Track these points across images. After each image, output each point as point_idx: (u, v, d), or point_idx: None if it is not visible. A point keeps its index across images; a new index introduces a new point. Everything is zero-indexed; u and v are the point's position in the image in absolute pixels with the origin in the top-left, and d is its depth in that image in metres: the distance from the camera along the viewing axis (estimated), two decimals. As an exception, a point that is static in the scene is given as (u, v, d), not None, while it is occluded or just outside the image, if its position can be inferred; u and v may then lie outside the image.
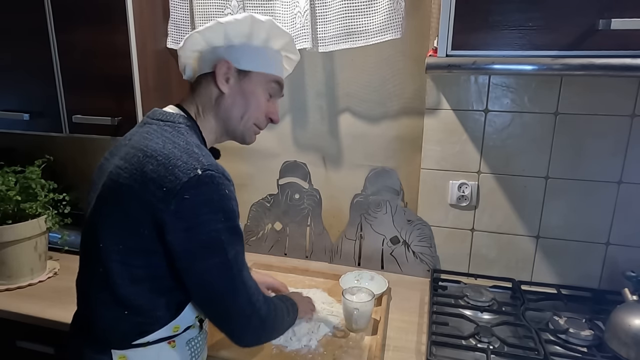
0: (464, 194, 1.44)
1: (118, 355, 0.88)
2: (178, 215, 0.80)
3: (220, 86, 0.95)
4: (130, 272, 0.85)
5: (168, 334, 0.91)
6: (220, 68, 0.94)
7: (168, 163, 0.81)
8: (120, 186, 0.84)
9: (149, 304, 0.87)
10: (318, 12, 1.34)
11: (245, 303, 0.89)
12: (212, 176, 0.82)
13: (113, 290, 0.85)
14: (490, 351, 1.09)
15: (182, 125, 0.91)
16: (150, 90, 1.39)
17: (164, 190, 0.79)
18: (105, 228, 0.86)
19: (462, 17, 1.00)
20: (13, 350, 1.36)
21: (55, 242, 1.56)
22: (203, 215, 0.81)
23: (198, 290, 0.87)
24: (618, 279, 1.26)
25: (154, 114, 0.95)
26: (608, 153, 1.30)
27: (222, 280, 0.86)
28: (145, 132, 0.90)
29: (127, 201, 0.83)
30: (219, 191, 0.83)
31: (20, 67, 1.43)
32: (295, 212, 1.64)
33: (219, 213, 0.83)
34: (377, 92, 1.48)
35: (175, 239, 0.81)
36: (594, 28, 0.94)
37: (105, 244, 0.85)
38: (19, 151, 1.75)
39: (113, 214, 0.85)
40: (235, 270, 0.86)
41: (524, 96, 1.33)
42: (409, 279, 1.52)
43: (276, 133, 1.61)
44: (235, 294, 0.87)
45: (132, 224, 0.83)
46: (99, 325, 0.89)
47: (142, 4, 1.34)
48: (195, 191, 0.80)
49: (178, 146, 0.85)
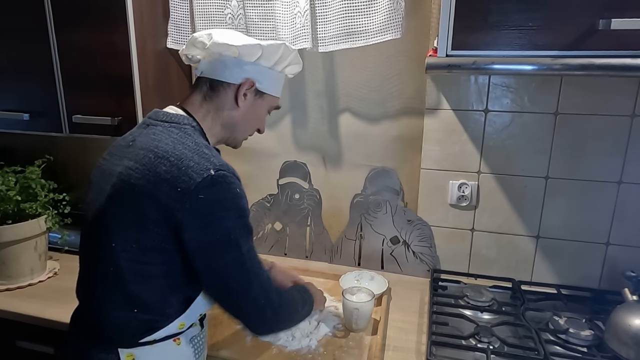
0: (464, 194, 1.44)
1: (125, 354, 0.89)
2: (193, 214, 0.82)
3: (239, 102, 0.98)
4: (143, 270, 0.87)
5: (174, 332, 0.93)
6: (245, 85, 0.97)
7: (181, 164, 0.84)
8: (132, 187, 0.85)
9: (159, 300, 0.89)
10: (318, 12, 1.34)
11: (259, 295, 0.93)
12: (224, 176, 0.85)
13: (124, 289, 0.87)
14: (490, 351, 1.09)
15: (188, 127, 0.93)
16: (150, 90, 1.39)
17: (178, 190, 0.82)
18: (117, 228, 0.87)
19: (462, 17, 1.00)
20: (13, 350, 1.36)
21: (55, 242, 1.56)
22: (217, 213, 0.84)
23: (214, 284, 0.91)
24: (618, 279, 1.26)
25: (156, 115, 0.95)
26: (608, 153, 1.30)
27: (238, 274, 0.89)
28: (151, 133, 0.91)
29: (141, 201, 0.84)
30: (231, 190, 0.86)
31: (20, 67, 1.43)
32: (295, 212, 1.64)
33: (232, 211, 0.86)
34: (377, 92, 1.48)
35: (191, 236, 0.84)
36: (594, 28, 0.94)
37: (118, 243, 0.86)
38: (19, 151, 1.75)
39: (126, 214, 0.86)
40: (249, 265, 0.90)
41: (524, 96, 1.33)
42: (409, 279, 1.52)
43: (276, 133, 1.61)
44: (250, 287, 0.91)
45: (147, 223, 0.84)
46: (108, 325, 0.89)
47: (142, 4, 1.34)
48: (209, 190, 0.83)
49: (188, 147, 0.87)
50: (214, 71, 0.98)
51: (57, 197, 1.50)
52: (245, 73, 0.97)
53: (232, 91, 0.97)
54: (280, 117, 1.59)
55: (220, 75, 0.97)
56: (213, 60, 0.97)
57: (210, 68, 0.98)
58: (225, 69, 0.97)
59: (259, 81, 0.98)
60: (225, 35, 0.96)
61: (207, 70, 0.99)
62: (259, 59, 0.97)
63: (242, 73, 0.97)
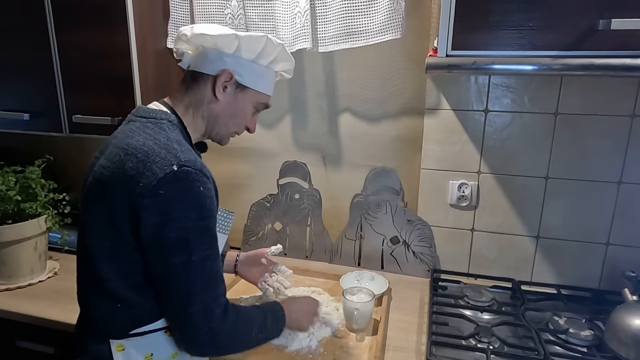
0: (464, 194, 1.44)
1: (116, 345, 0.90)
2: (151, 210, 0.81)
3: (217, 93, 0.96)
4: (118, 267, 0.87)
5: (163, 325, 0.93)
6: (222, 77, 0.95)
7: (147, 159, 0.83)
8: (102, 185, 0.87)
9: (139, 297, 0.89)
10: (318, 12, 1.34)
11: (198, 313, 0.85)
12: (187, 172, 0.83)
13: (103, 286, 0.88)
14: (490, 351, 1.09)
15: (165, 122, 0.92)
16: (150, 90, 1.39)
17: (141, 185, 0.81)
18: (92, 227, 0.88)
19: (462, 17, 1.00)
20: (13, 350, 1.36)
21: (55, 242, 1.56)
22: (175, 211, 0.82)
23: (158, 287, 0.87)
24: (618, 279, 1.25)
25: (137, 111, 0.96)
26: (608, 153, 1.30)
27: (180, 282, 0.84)
28: (128, 129, 0.91)
29: (110, 199, 0.85)
30: (194, 188, 0.83)
31: (20, 67, 1.43)
32: (295, 212, 1.64)
33: (192, 210, 0.83)
34: (377, 92, 1.48)
35: (145, 233, 0.82)
36: (594, 28, 0.94)
37: (93, 241, 0.88)
38: (19, 151, 1.75)
39: (98, 212, 0.87)
40: (196, 275, 0.84)
41: (524, 96, 1.33)
42: (409, 279, 1.52)
43: (276, 133, 1.61)
44: (190, 301, 0.85)
45: (116, 221, 0.84)
46: (96, 318, 0.92)
47: (142, 4, 1.34)
48: (170, 187, 0.81)
49: (158, 142, 0.86)
50: (196, 63, 0.97)
51: (57, 197, 1.50)
52: (224, 64, 0.95)
53: (211, 83, 0.96)
54: (280, 117, 1.59)
55: (201, 67, 0.97)
56: (197, 53, 0.98)
57: (193, 61, 0.98)
58: (206, 61, 0.96)
59: (238, 74, 0.96)
60: (205, 27, 0.95)
61: (191, 63, 0.99)
62: (238, 51, 0.96)
63: (221, 64, 0.95)
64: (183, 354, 0.95)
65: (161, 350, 0.93)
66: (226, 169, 1.68)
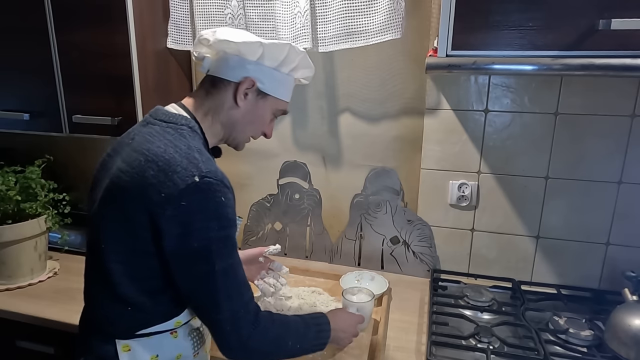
0: (464, 194, 1.44)
1: (122, 345, 0.90)
2: (174, 221, 0.81)
3: (238, 100, 0.96)
4: (131, 272, 0.87)
5: (170, 327, 0.93)
6: (244, 84, 0.95)
7: (168, 169, 0.82)
8: (121, 189, 0.86)
9: (150, 301, 0.89)
10: (318, 12, 1.34)
11: (226, 321, 0.86)
12: (209, 183, 0.83)
13: (114, 289, 0.87)
14: (490, 351, 1.09)
15: (185, 128, 0.91)
16: (150, 90, 1.39)
17: (162, 195, 0.81)
18: (107, 230, 0.87)
19: (462, 17, 1.00)
20: (13, 350, 1.36)
21: (55, 242, 1.56)
22: (197, 222, 0.82)
23: (186, 294, 0.89)
24: (618, 279, 1.26)
25: (156, 114, 0.94)
26: (608, 153, 1.30)
27: (205, 290, 0.85)
28: (147, 133, 0.90)
29: (128, 204, 0.84)
30: (215, 198, 0.83)
31: (20, 67, 1.43)
32: (295, 212, 1.64)
33: (214, 221, 0.83)
34: (377, 92, 1.48)
35: (168, 243, 0.82)
36: (594, 28, 0.94)
37: (107, 245, 0.87)
38: (19, 151, 1.75)
39: (114, 216, 0.86)
40: (220, 284, 0.85)
41: (524, 96, 1.33)
42: (409, 279, 1.52)
43: (276, 133, 1.61)
44: (217, 309, 0.86)
45: (132, 226, 0.84)
46: (103, 319, 0.92)
47: (142, 4, 1.34)
48: (192, 198, 0.81)
49: (179, 150, 0.85)
50: (217, 69, 0.97)
51: (57, 197, 1.50)
52: (246, 72, 0.95)
53: (232, 89, 0.96)
54: (281, 117, 1.58)
55: (222, 73, 0.96)
56: (218, 58, 0.97)
57: (214, 66, 0.97)
58: (227, 67, 0.96)
59: (260, 81, 0.96)
60: (228, 33, 0.95)
61: (211, 67, 0.98)
62: (261, 58, 0.95)
63: (243, 72, 0.95)
64: (187, 355, 0.96)
65: (166, 352, 0.93)
66: (226, 169, 1.64)
